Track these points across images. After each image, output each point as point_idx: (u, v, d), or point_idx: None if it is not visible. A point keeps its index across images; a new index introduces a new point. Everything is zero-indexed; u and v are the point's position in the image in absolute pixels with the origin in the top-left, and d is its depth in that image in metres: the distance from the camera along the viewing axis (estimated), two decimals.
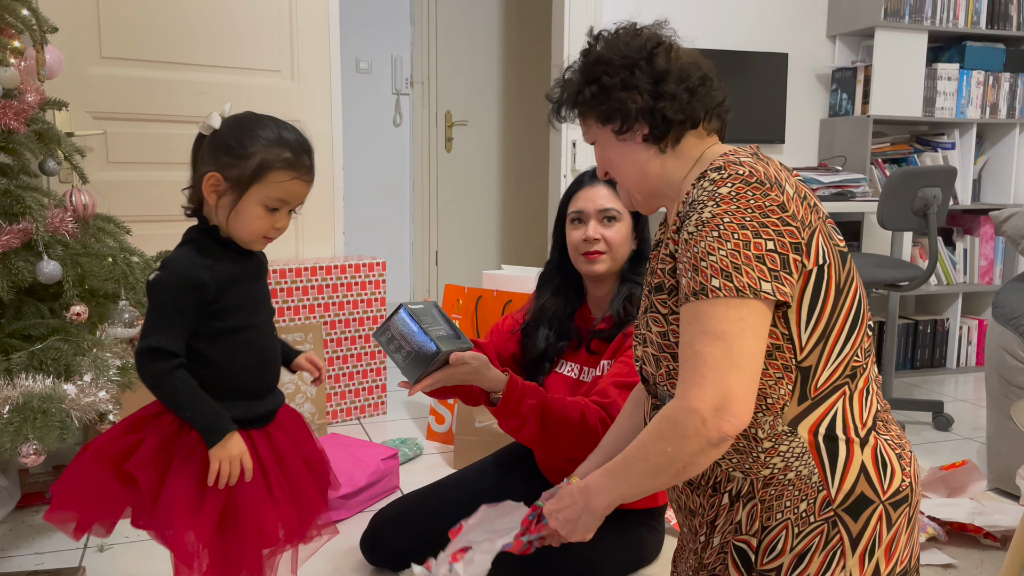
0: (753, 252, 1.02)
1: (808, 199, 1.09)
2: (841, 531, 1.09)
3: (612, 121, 1.18)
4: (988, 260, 3.84)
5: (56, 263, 1.75)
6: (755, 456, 1.12)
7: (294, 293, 2.72)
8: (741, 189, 1.05)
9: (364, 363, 2.91)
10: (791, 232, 1.04)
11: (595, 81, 1.18)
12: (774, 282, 1.02)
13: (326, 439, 2.32)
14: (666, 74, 1.15)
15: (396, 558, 1.83)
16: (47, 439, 1.59)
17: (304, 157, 1.30)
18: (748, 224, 1.03)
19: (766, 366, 1.08)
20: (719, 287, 1.02)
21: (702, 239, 1.04)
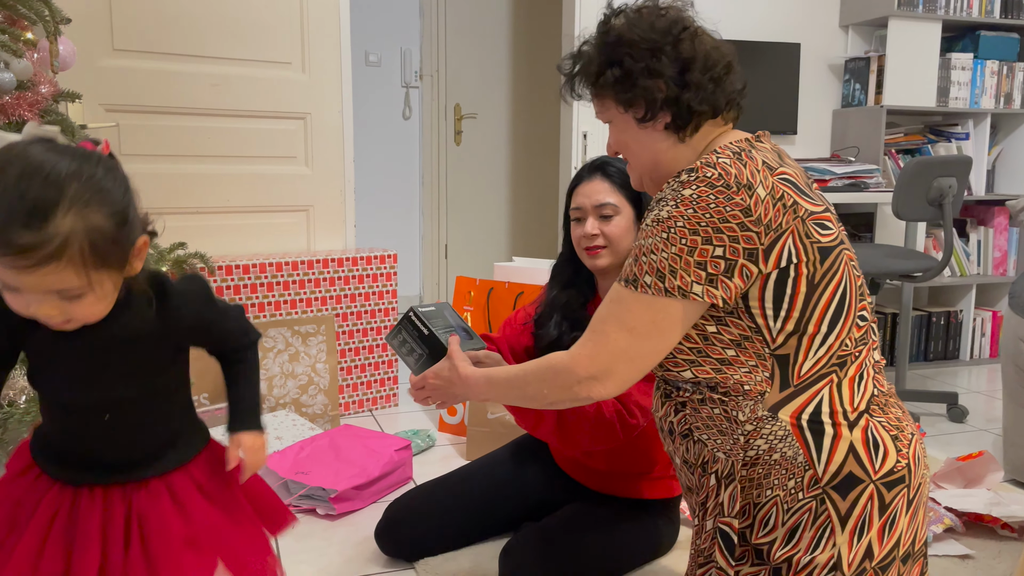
0: (696, 258, 1.07)
1: (785, 199, 1.09)
2: (829, 508, 1.10)
3: (634, 108, 1.17)
4: (1002, 251, 3.81)
5: None
6: (735, 438, 1.14)
7: (306, 285, 2.72)
8: (704, 192, 1.07)
9: (376, 355, 2.91)
10: (748, 238, 1.06)
11: (617, 63, 1.15)
12: (707, 285, 1.08)
13: (339, 430, 2.33)
14: (692, 61, 1.14)
15: (410, 549, 1.83)
16: None
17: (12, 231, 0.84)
18: (702, 230, 1.06)
19: (737, 354, 1.12)
20: (649, 284, 1.09)
21: (652, 235, 1.09)
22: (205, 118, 2.72)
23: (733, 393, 1.14)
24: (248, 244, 2.85)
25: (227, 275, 2.58)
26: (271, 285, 2.66)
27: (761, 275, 1.08)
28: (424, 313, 1.43)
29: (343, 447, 2.23)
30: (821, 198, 1.15)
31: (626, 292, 1.12)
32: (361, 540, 1.93)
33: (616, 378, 1.13)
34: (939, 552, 1.88)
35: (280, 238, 2.91)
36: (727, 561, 1.14)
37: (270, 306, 2.66)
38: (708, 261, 1.06)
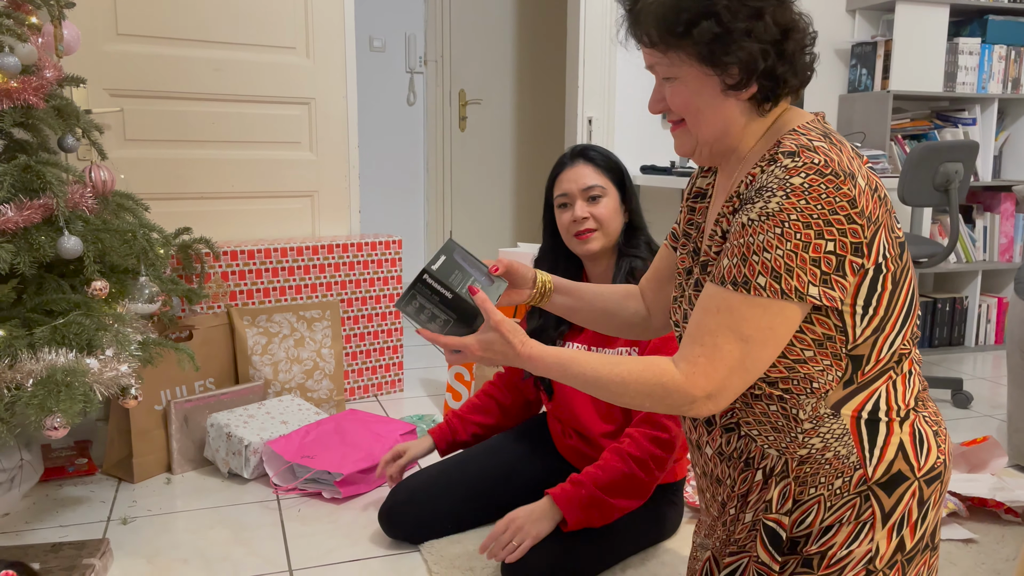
0: (811, 255, 0.99)
1: (879, 190, 1.04)
2: (874, 505, 1.09)
3: (726, 72, 1.04)
4: (1008, 238, 3.80)
5: (77, 238, 1.76)
6: (793, 436, 1.11)
7: (311, 271, 2.73)
8: (815, 181, 0.99)
9: (381, 340, 2.92)
10: (855, 231, 1.00)
11: (714, 16, 1.01)
12: (822, 287, 1.00)
13: (345, 414, 2.34)
14: (791, 30, 1.04)
15: (414, 531, 1.84)
16: (70, 412, 1.60)
17: None
18: (814, 223, 0.98)
19: (815, 355, 1.07)
20: (764, 286, 1.00)
21: (762, 231, 1.00)
22: (209, 103, 2.72)
23: (796, 392, 1.09)
24: (253, 229, 2.85)
25: (232, 260, 2.59)
26: (276, 271, 2.66)
27: (862, 271, 1.01)
28: (438, 272, 1.22)
29: (349, 431, 2.24)
30: None
31: (736, 297, 1.01)
32: (366, 523, 1.94)
33: (730, 393, 1.05)
34: (943, 536, 1.88)
35: (285, 224, 2.91)
36: (771, 556, 1.13)
37: (275, 291, 2.67)
38: (822, 258, 0.98)
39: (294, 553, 1.80)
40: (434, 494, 1.84)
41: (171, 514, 2.00)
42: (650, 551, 1.79)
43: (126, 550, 1.80)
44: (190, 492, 2.12)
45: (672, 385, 1.05)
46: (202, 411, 2.27)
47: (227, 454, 2.18)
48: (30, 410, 1.56)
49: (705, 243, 1.15)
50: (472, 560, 1.75)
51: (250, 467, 2.15)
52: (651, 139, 3.57)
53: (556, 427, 1.89)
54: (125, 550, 1.80)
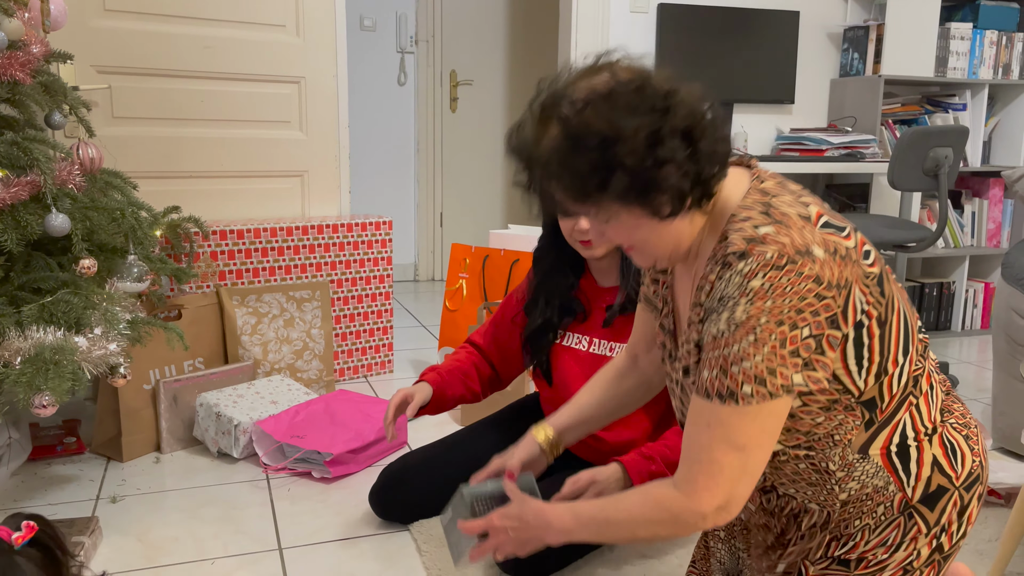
0: (789, 348, 0.97)
1: (839, 250, 1.00)
2: (918, 520, 1.10)
3: (655, 206, 0.99)
4: (996, 223, 3.82)
5: (65, 216, 1.74)
6: (829, 488, 1.12)
7: (301, 251, 2.72)
8: (774, 277, 0.95)
9: (371, 322, 2.91)
10: (827, 306, 0.97)
11: (617, 167, 0.96)
12: (805, 371, 0.99)
13: (334, 395, 2.34)
14: (693, 130, 0.97)
15: (404, 512, 1.84)
16: (59, 391, 1.59)
17: None
18: (785, 318, 0.95)
19: (826, 418, 1.06)
20: (751, 393, 0.98)
21: (735, 342, 0.97)
22: (198, 80, 2.69)
23: (819, 447, 1.09)
24: (242, 209, 2.84)
25: (221, 240, 2.58)
26: (265, 251, 2.65)
27: (841, 340, 1.00)
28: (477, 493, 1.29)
29: (338, 411, 2.24)
30: (842, 218, 1.07)
31: (724, 410, 1.00)
32: (356, 503, 1.95)
33: (740, 499, 1.03)
34: None
35: (275, 203, 2.90)
36: None
37: (264, 271, 2.66)
38: (800, 346, 0.97)
39: (284, 532, 1.81)
40: (425, 475, 1.84)
41: (160, 493, 2.00)
42: None
43: (115, 528, 1.80)
44: (179, 471, 2.12)
45: (678, 508, 1.04)
46: (191, 391, 2.26)
47: (216, 433, 2.18)
48: (18, 388, 1.55)
49: (681, 347, 1.13)
50: None
51: (239, 447, 2.16)
52: None
53: (551, 411, 1.89)
54: (114, 528, 1.80)
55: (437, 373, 1.90)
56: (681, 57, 3.47)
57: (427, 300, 4.32)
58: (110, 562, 1.66)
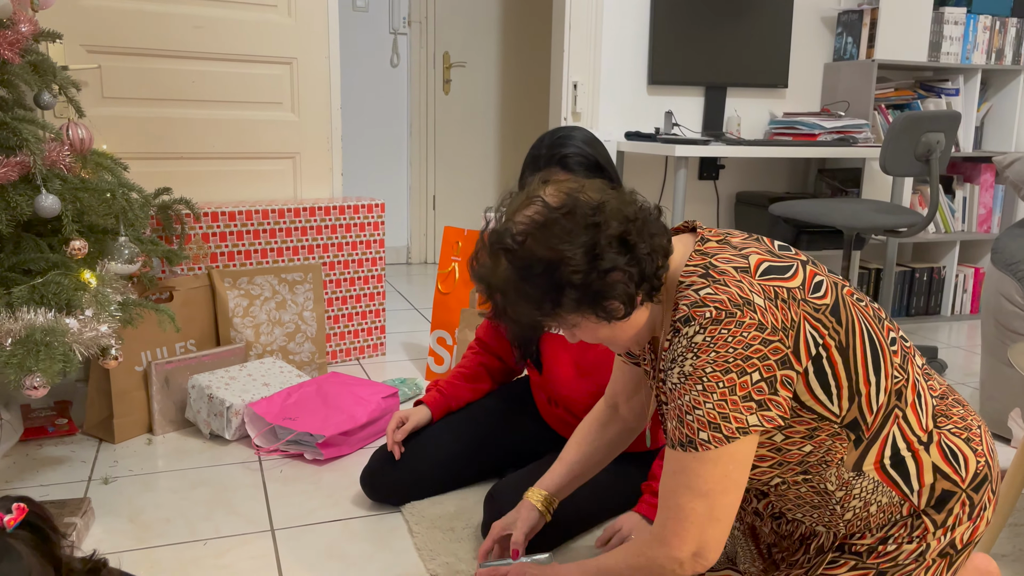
0: (739, 394, 1.03)
1: (780, 294, 1.05)
2: (925, 521, 1.13)
3: (611, 312, 1.08)
4: (987, 208, 3.83)
5: (55, 197, 1.74)
6: (832, 508, 1.15)
7: (293, 233, 2.71)
8: (714, 331, 1.02)
9: (364, 304, 2.91)
10: (775, 349, 1.03)
11: (567, 285, 1.04)
12: (760, 412, 1.04)
13: (326, 377, 2.34)
14: (627, 232, 1.05)
15: (396, 494, 1.85)
16: (50, 372, 1.59)
17: None
18: (732, 365, 1.02)
19: (812, 446, 1.11)
20: (708, 440, 1.04)
21: (686, 392, 1.04)
22: (189, 60, 2.67)
23: (814, 471, 1.13)
24: (234, 191, 2.83)
25: (212, 222, 2.57)
26: (257, 233, 2.65)
27: (800, 374, 1.05)
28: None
29: (331, 394, 2.24)
30: (787, 254, 1.13)
31: (687, 457, 1.06)
32: (348, 484, 1.96)
33: (715, 544, 1.08)
34: None
35: (266, 185, 2.89)
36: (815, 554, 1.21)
37: (256, 253, 2.65)
38: (751, 390, 1.03)
39: (276, 513, 1.82)
40: (417, 458, 1.85)
41: (153, 474, 2.00)
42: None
43: (108, 509, 1.81)
44: (171, 453, 2.12)
45: (653, 553, 1.11)
46: (183, 372, 2.26)
47: (209, 415, 2.19)
48: (9, 369, 1.55)
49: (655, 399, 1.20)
50: (452, 520, 1.77)
51: (232, 428, 2.16)
52: (636, 105, 3.55)
53: (541, 396, 1.90)
54: (107, 509, 1.81)
55: (438, 391, 1.93)
56: (674, 40, 3.46)
57: (420, 283, 4.32)
58: (102, 543, 1.67)
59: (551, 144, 1.74)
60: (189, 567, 1.59)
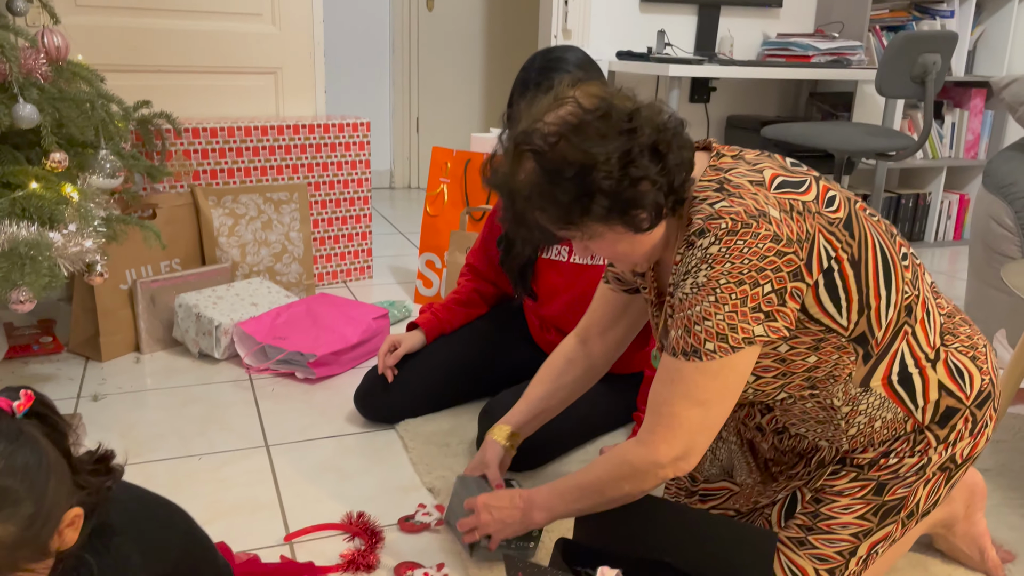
0: (750, 305, 1.02)
1: (795, 206, 1.04)
2: (928, 436, 1.15)
3: (638, 223, 1.05)
4: (975, 135, 3.82)
5: (33, 106, 1.66)
6: (836, 423, 1.16)
7: (276, 152, 2.64)
8: (730, 242, 1.01)
9: (350, 226, 2.87)
10: (789, 261, 1.02)
11: (596, 192, 1.01)
12: (767, 323, 1.03)
13: (316, 298, 2.32)
14: (659, 142, 1.02)
15: (390, 413, 1.85)
16: (36, 286, 1.56)
17: None
18: (745, 277, 1.01)
19: (818, 359, 1.10)
20: (713, 350, 1.03)
21: (697, 303, 1.03)
22: None
23: (821, 386, 1.13)
24: (214, 107, 2.74)
25: (194, 138, 2.49)
26: (240, 151, 2.58)
27: (810, 287, 1.05)
28: None
29: (321, 314, 2.22)
30: (800, 170, 1.11)
31: (688, 367, 1.05)
32: (341, 403, 1.96)
33: (699, 450, 1.09)
34: None
35: (247, 102, 2.80)
36: (780, 521, 1.22)
37: (240, 172, 2.59)
38: (761, 301, 1.02)
39: (269, 430, 1.82)
40: (411, 378, 1.84)
41: (142, 392, 1.99)
42: (618, 431, 1.84)
43: (99, 425, 1.80)
44: (161, 371, 2.11)
45: (637, 459, 1.11)
46: (169, 291, 2.23)
47: (197, 334, 2.17)
48: None
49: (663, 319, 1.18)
50: (447, 436, 1.78)
51: (221, 348, 2.14)
52: (628, 24, 3.47)
53: (534, 320, 1.89)
54: (98, 425, 1.80)
55: (432, 313, 1.90)
56: None
57: (404, 207, 4.27)
58: None
59: (543, 67, 1.69)
60: (185, 481, 1.60)
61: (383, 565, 1.36)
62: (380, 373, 1.82)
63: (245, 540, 1.40)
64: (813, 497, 1.19)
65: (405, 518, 1.49)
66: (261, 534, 1.43)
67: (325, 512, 1.50)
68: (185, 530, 1.03)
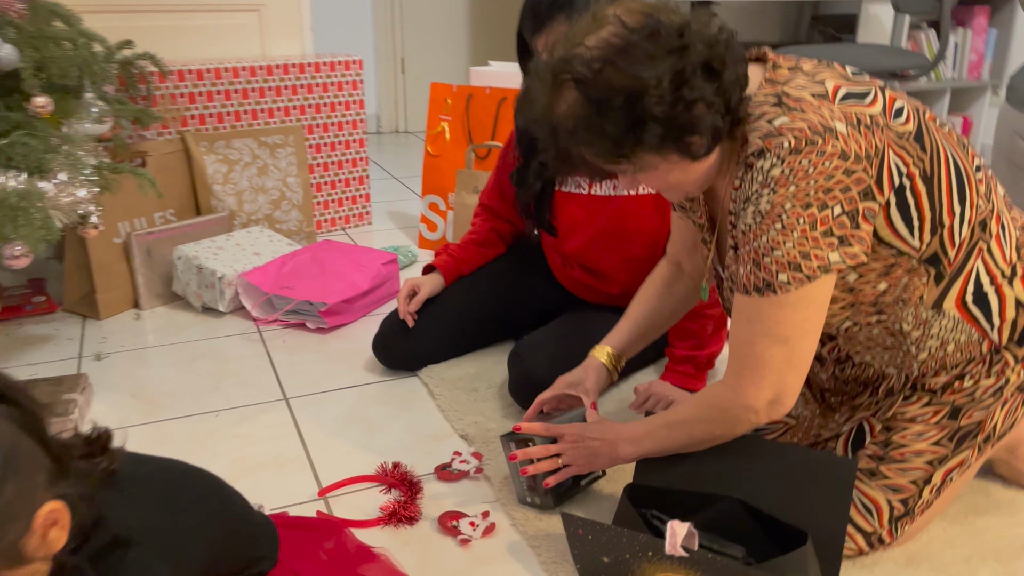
0: (820, 230, 0.94)
1: (862, 119, 0.95)
2: (1006, 356, 1.09)
3: (694, 149, 0.96)
4: (979, 55, 3.73)
5: (11, 47, 1.55)
6: (906, 349, 1.08)
7: (267, 94, 2.51)
8: (793, 162, 0.92)
9: (346, 171, 2.75)
10: (859, 179, 0.94)
11: (649, 119, 0.91)
12: (842, 248, 0.96)
13: (321, 244, 2.22)
14: (711, 59, 0.93)
15: (411, 359, 1.78)
16: (31, 239, 1.45)
17: None
18: (812, 199, 0.93)
19: (889, 283, 1.03)
20: (787, 281, 0.96)
21: (763, 232, 0.96)
22: None
23: (890, 311, 1.06)
24: (195, 48, 2.58)
25: (180, 81, 2.35)
26: (228, 93, 2.44)
27: (881, 207, 0.97)
28: None
29: (327, 261, 2.13)
30: (863, 80, 1.02)
31: (763, 303, 0.98)
32: (358, 351, 1.88)
33: (792, 391, 1.02)
34: None
35: (230, 41, 2.65)
36: (847, 455, 1.17)
37: (230, 116, 2.45)
38: (832, 225, 0.94)
39: (286, 382, 1.74)
40: (431, 324, 1.76)
41: (147, 349, 1.89)
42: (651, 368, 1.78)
43: (106, 385, 1.71)
44: (163, 327, 2.01)
45: (726, 404, 1.05)
46: (165, 244, 2.12)
47: (199, 287, 2.06)
48: None
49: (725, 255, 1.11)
50: (474, 381, 1.71)
51: (225, 300, 2.04)
52: None
53: (555, 259, 1.81)
54: (105, 385, 1.71)
55: (448, 255, 1.81)
56: None
57: (394, 152, 4.13)
58: (106, 418, 1.57)
59: None
60: (205, 438, 1.52)
61: (425, 516, 1.30)
62: (401, 319, 1.74)
63: (277, 497, 1.33)
64: (884, 426, 1.13)
65: (442, 467, 1.42)
66: (293, 490, 1.36)
67: (356, 464, 1.43)
68: (218, 509, 0.93)
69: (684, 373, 1.62)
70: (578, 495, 1.33)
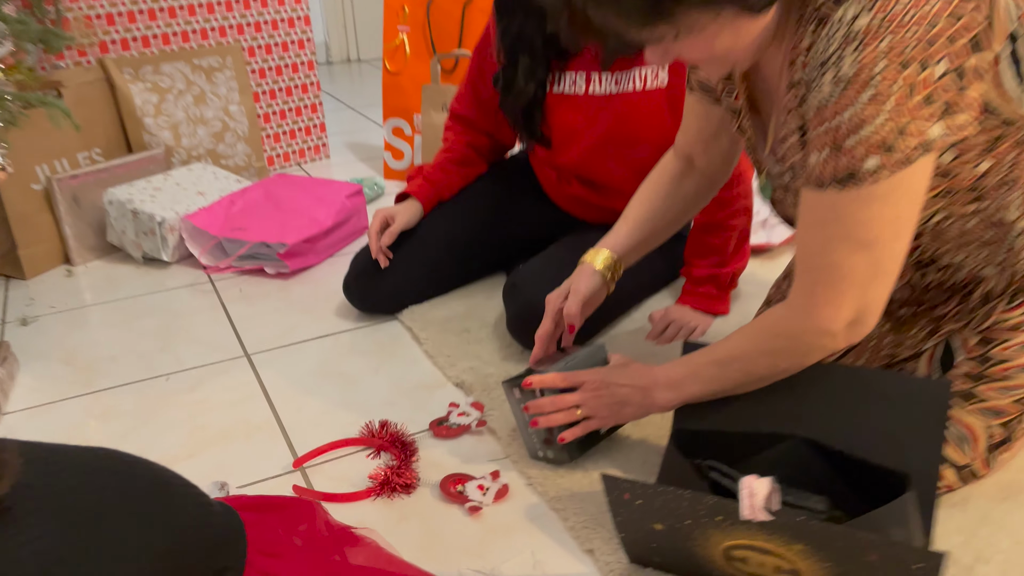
0: (920, 95, 0.72)
1: None
2: None
3: (753, 1, 0.75)
4: None
5: None
6: (1009, 243, 0.88)
7: (198, 11, 2.19)
8: (885, 7, 0.70)
9: (296, 97, 2.47)
10: (965, 26, 0.71)
11: None
12: (945, 119, 0.73)
13: (274, 179, 1.96)
14: None
15: (389, 301, 1.55)
16: None
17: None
18: (909, 56, 0.71)
19: (992, 161, 0.81)
20: (877, 168, 0.74)
21: (847, 105, 0.73)
22: None
23: (990, 197, 0.85)
24: None
25: (94, 0, 2.03)
26: (152, 12, 2.12)
27: (991, 62, 0.75)
28: None
29: (284, 197, 1.87)
30: None
31: (843, 198, 0.77)
32: (325, 296, 1.64)
33: (875, 306, 0.82)
34: None
35: None
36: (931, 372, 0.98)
37: (156, 39, 2.14)
38: (935, 89, 0.72)
39: (246, 336, 1.50)
40: (410, 258, 1.53)
41: (82, 308, 1.64)
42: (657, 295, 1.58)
43: (33, 354, 1.46)
44: (100, 283, 1.75)
45: (795, 330, 0.86)
46: (94, 188, 1.84)
47: (137, 235, 1.80)
48: None
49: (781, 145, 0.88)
50: (464, 321, 1.49)
51: (169, 248, 1.79)
52: None
53: (549, 173, 1.57)
54: (32, 354, 1.46)
55: (424, 179, 1.56)
56: None
57: (347, 82, 3.82)
58: (36, 392, 1.33)
59: None
60: (155, 407, 1.28)
61: (424, 481, 1.09)
62: (374, 258, 1.51)
63: (245, 472, 1.11)
64: (981, 339, 0.93)
65: (437, 422, 1.21)
66: (264, 463, 1.14)
67: (336, 427, 1.21)
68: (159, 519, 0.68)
69: (705, 295, 1.42)
70: (601, 444, 1.13)
